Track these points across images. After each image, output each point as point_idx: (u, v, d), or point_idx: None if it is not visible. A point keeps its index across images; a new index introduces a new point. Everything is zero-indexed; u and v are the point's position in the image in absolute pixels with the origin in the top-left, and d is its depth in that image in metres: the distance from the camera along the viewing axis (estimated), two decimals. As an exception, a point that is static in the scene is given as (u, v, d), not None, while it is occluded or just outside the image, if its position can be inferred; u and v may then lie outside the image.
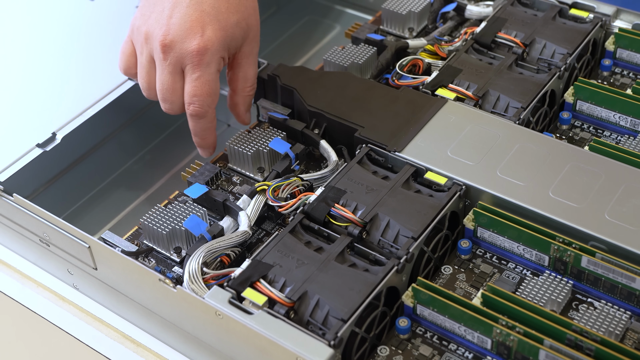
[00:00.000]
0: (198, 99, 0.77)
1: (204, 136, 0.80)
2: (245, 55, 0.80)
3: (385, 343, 0.67)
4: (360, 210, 0.70)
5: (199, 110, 0.77)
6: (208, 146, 0.81)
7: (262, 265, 0.67)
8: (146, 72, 0.79)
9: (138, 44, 0.79)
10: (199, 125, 0.79)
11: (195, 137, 0.80)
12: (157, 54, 0.77)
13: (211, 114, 0.78)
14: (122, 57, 0.82)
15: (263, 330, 0.62)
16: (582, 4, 0.88)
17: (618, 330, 0.63)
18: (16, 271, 0.80)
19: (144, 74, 0.79)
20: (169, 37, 0.75)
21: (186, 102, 0.77)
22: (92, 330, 0.75)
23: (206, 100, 0.77)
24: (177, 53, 0.76)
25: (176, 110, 0.79)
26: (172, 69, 0.76)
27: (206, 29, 0.76)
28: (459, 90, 0.80)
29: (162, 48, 0.76)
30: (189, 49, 0.75)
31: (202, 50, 0.75)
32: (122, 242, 0.75)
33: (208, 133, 0.80)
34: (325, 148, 0.79)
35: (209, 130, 0.80)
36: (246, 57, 0.81)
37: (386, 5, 0.93)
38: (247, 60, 0.81)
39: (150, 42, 0.77)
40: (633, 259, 0.66)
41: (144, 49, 0.78)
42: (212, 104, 0.78)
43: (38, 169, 0.83)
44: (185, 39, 0.75)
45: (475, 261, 0.71)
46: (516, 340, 0.62)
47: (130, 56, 0.81)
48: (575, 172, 0.72)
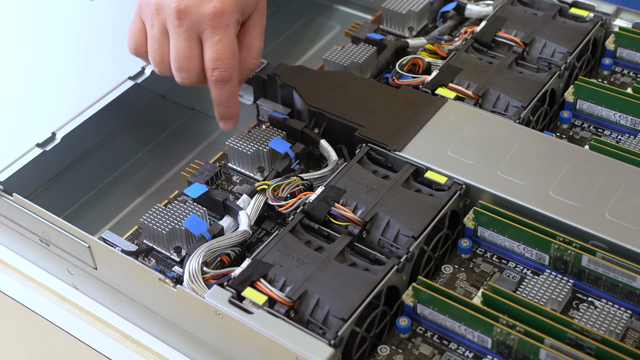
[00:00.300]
0: (222, 62, 0.74)
1: (229, 104, 0.77)
2: (253, 23, 0.78)
3: (386, 342, 0.67)
4: (360, 209, 0.70)
5: (225, 74, 0.75)
6: (232, 115, 0.78)
7: (262, 264, 0.67)
8: (159, 44, 0.76)
9: (148, 17, 0.77)
10: (224, 91, 0.76)
11: (219, 107, 0.77)
12: (171, 22, 0.74)
13: (235, 78, 0.76)
14: (130, 36, 0.79)
15: (263, 329, 0.62)
16: (582, 3, 0.88)
17: (619, 329, 0.63)
18: (16, 271, 0.80)
19: (157, 47, 0.77)
20: (183, 3, 0.73)
21: (209, 68, 0.75)
22: (92, 330, 0.75)
23: (230, 62, 0.75)
24: (193, 18, 0.73)
25: (192, 80, 0.76)
26: (188, 35, 0.74)
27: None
28: (459, 90, 0.80)
29: (177, 14, 0.73)
30: (205, 12, 0.73)
31: (220, 12, 0.73)
32: (122, 242, 0.75)
33: (233, 100, 0.77)
34: (325, 147, 0.79)
35: (233, 96, 0.77)
36: (254, 26, 0.79)
37: (386, 5, 0.93)
38: (254, 29, 0.79)
39: (163, 11, 0.75)
40: (633, 258, 0.66)
41: (155, 20, 0.76)
42: (236, 67, 0.76)
43: (38, 168, 0.83)
44: (200, 3, 0.73)
45: (475, 260, 0.71)
46: (517, 339, 0.62)
47: (140, 34, 0.78)
48: (576, 171, 0.72)
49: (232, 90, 0.76)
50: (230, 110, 0.78)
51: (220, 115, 0.78)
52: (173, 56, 0.75)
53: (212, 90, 0.76)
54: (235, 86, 0.76)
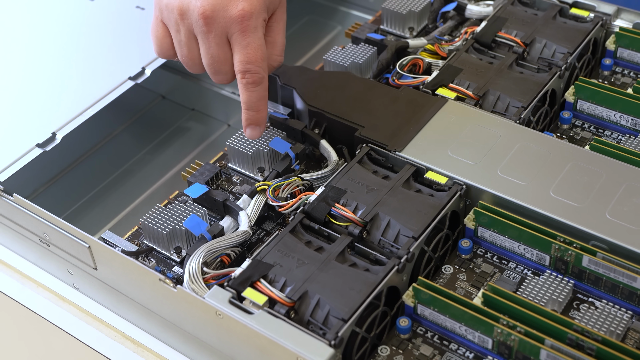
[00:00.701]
0: (253, 65, 0.73)
1: (259, 107, 0.75)
2: (276, 19, 0.78)
3: (386, 343, 0.67)
4: (360, 209, 0.70)
5: (256, 77, 0.74)
6: (261, 121, 0.76)
7: (262, 265, 0.67)
8: (188, 49, 0.75)
9: (172, 22, 0.75)
10: (254, 94, 0.75)
11: (249, 110, 0.76)
12: (198, 28, 0.73)
13: (266, 81, 0.75)
14: (155, 40, 0.77)
15: (263, 330, 0.62)
16: (583, 3, 0.88)
17: (619, 330, 0.63)
18: (16, 271, 0.80)
19: (186, 52, 0.75)
20: (209, 8, 0.72)
21: (240, 71, 0.74)
22: (92, 330, 0.75)
23: (262, 65, 0.74)
24: (220, 23, 0.72)
25: (230, 79, 0.75)
26: (218, 40, 0.73)
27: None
28: (459, 90, 0.80)
29: (204, 20, 0.72)
30: (233, 15, 0.72)
31: (248, 14, 0.72)
32: (122, 242, 0.75)
33: (262, 104, 0.75)
34: (325, 148, 0.79)
35: (263, 100, 0.75)
36: (277, 22, 0.78)
37: (386, 5, 0.93)
38: (277, 25, 0.78)
39: (188, 16, 0.73)
40: (634, 259, 0.65)
41: (180, 26, 0.74)
42: (266, 68, 0.75)
43: (38, 169, 0.83)
44: (227, 6, 0.72)
45: (476, 261, 0.71)
46: (517, 340, 0.62)
47: (165, 38, 0.77)
48: (576, 172, 0.71)
49: (262, 93, 0.75)
50: (260, 114, 0.76)
51: (248, 120, 0.76)
52: (207, 62, 0.74)
53: (243, 93, 0.75)
54: (265, 89, 0.75)
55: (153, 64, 0.89)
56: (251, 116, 0.76)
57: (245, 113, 0.76)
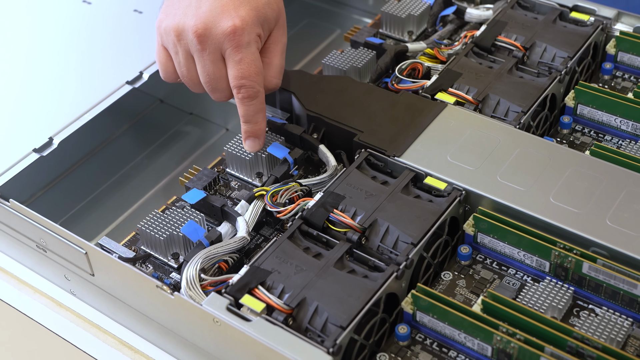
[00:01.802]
0: (247, 80, 0.74)
1: (257, 120, 0.76)
2: (274, 41, 0.78)
3: (385, 350, 0.66)
4: (359, 215, 0.70)
5: (251, 91, 0.74)
6: (260, 133, 0.77)
7: (260, 271, 0.66)
8: (187, 69, 0.76)
9: (171, 44, 0.76)
10: (251, 108, 0.75)
11: (246, 124, 0.76)
12: (193, 47, 0.74)
13: (262, 94, 0.76)
14: (159, 65, 0.79)
15: (261, 337, 0.62)
16: (583, 7, 0.88)
17: (620, 337, 0.63)
18: (13, 277, 0.80)
19: (185, 72, 0.76)
20: (201, 26, 0.73)
21: (235, 87, 0.74)
22: (89, 337, 0.75)
23: (255, 79, 0.74)
24: (213, 40, 0.73)
25: (228, 96, 0.76)
26: (212, 57, 0.74)
27: (239, 10, 0.74)
28: (458, 94, 0.79)
29: (198, 38, 0.73)
30: (225, 31, 0.73)
31: (239, 30, 0.73)
32: (119, 248, 0.74)
33: (260, 116, 0.76)
34: (324, 153, 0.78)
35: (261, 112, 0.76)
36: (274, 44, 0.78)
37: (385, 9, 0.93)
38: (275, 47, 0.78)
39: (184, 36, 0.74)
40: (634, 265, 0.65)
41: (178, 47, 0.75)
42: (262, 82, 0.75)
43: (35, 174, 0.83)
44: (218, 23, 0.73)
45: (475, 267, 0.71)
46: (517, 347, 0.61)
47: (167, 62, 0.78)
48: (576, 177, 0.71)
49: (259, 107, 0.76)
50: (258, 126, 0.77)
51: (247, 133, 0.77)
52: (204, 80, 0.75)
53: (240, 107, 0.76)
54: (262, 102, 0.76)
55: (151, 68, 0.89)
56: (249, 128, 0.76)
57: (244, 126, 0.76)
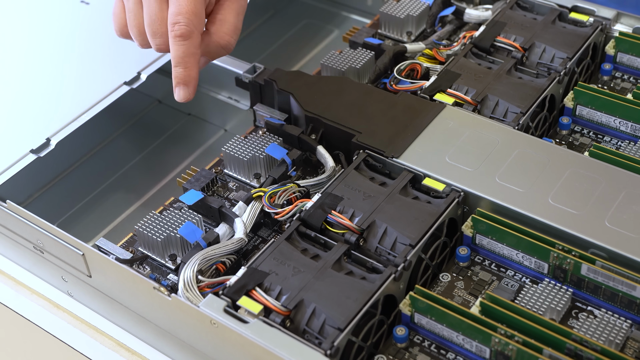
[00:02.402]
0: (183, 17, 0.72)
1: (187, 64, 0.74)
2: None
3: (383, 352, 0.66)
4: (357, 217, 0.70)
5: (185, 29, 0.72)
6: (190, 80, 0.74)
7: (257, 273, 0.66)
8: (134, 16, 0.75)
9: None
10: (182, 48, 0.73)
11: (177, 67, 0.74)
12: None
13: (196, 36, 0.74)
14: (114, 18, 0.78)
15: (258, 339, 0.62)
16: (582, 8, 0.88)
17: (618, 339, 0.62)
18: (10, 278, 0.80)
19: (133, 19, 0.76)
20: None
21: (170, 23, 0.73)
22: (86, 338, 0.74)
23: (191, 18, 0.72)
24: None
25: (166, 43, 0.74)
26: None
27: None
28: (457, 95, 0.79)
29: None
30: None
31: None
32: (116, 250, 0.74)
33: (192, 61, 0.74)
34: (322, 154, 0.78)
35: (193, 57, 0.74)
36: (230, 1, 0.77)
37: (384, 9, 0.93)
38: (230, 4, 0.77)
39: None
40: (633, 267, 0.65)
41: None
42: (198, 25, 0.73)
43: (32, 175, 0.82)
44: None
45: (473, 268, 0.71)
46: (515, 349, 0.61)
47: (121, 13, 0.78)
48: (575, 179, 0.71)
49: (192, 50, 0.73)
50: (188, 72, 0.74)
51: (177, 78, 0.74)
52: (146, 22, 0.74)
53: (171, 47, 0.74)
54: (195, 46, 0.74)
55: (149, 69, 0.89)
56: (179, 74, 0.74)
57: (174, 71, 0.74)
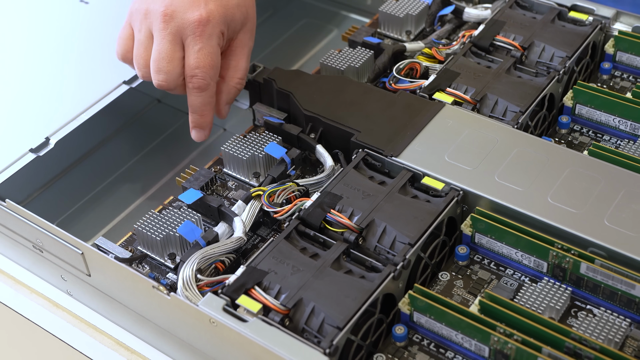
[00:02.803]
0: (201, 70, 0.76)
1: (203, 112, 0.79)
2: (240, 44, 0.80)
3: (382, 351, 0.66)
4: (356, 216, 0.70)
5: (202, 83, 0.76)
6: (206, 125, 0.80)
7: (256, 272, 0.66)
8: (144, 48, 0.78)
9: (137, 23, 0.78)
10: (199, 99, 0.78)
11: (193, 114, 0.79)
12: (156, 25, 0.76)
13: (213, 87, 0.78)
14: (119, 41, 0.80)
15: (257, 338, 0.62)
16: (582, 7, 0.88)
17: (617, 337, 0.62)
18: (9, 277, 0.80)
19: (142, 51, 0.78)
20: (171, 8, 0.75)
21: (188, 75, 0.77)
22: (85, 337, 0.74)
23: (209, 72, 0.76)
24: (178, 22, 0.75)
25: (170, 83, 0.77)
26: (171, 37, 0.76)
27: (209, 3, 0.76)
28: (456, 94, 0.79)
29: (164, 17, 0.75)
30: (190, 18, 0.75)
31: (204, 21, 0.75)
32: (115, 249, 0.74)
33: (208, 109, 0.79)
34: (321, 153, 0.78)
35: (209, 105, 0.79)
36: (241, 47, 0.80)
37: (383, 8, 0.93)
38: (241, 50, 0.80)
39: (150, 15, 0.76)
40: (633, 266, 0.65)
41: (142, 25, 0.77)
42: (214, 76, 0.77)
43: (31, 174, 0.83)
44: (187, 10, 0.75)
45: (473, 267, 0.71)
46: (514, 348, 0.61)
47: (128, 39, 0.80)
48: (574, 177, 0.71)
49: (208, 100, 0.78)
50: (204, 119, 0.79)
51: (193, 123, 0.80)
52: (154, 57, 0.77)
53: (189, 97, 0.78)
54: (211, 96, 0.78)
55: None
56: (195, 119, 0.79)
57: (191, 116, 0.79)
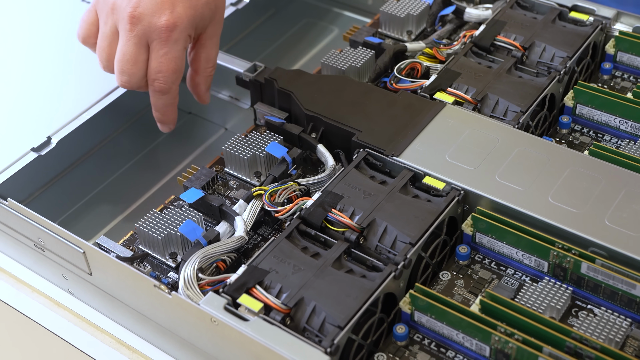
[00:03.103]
0: (163, 75, 0.77)
1: (165, 112, 0.81)
2: (209, 36, 0.81)
3: (383, 350, 0.66)
4: (357, 215, 0.70)
5: (163, 87, 0.78)
6: (168, 122, 0.82)
7: (258, 271, 0.66)
8: (108, 43, 0.78)
9: (103, 14, 0.78)
10: (160, 101, 0.79)
11: (156, 112, 0.81)
12: (122, 25, 0.76)
13: (174, 90, 0.79)
14: (82, 24, 0.81)
15: (259, 337, 0.62)
16: (582, 7, 0.88)
17: (618, 337, 0.62)
18: (11, 276, 0.80)
19: (105, 45, 0.78)
20: (138, 10, 0.75)
21: (150, 78, 0.78)
22: (87, 336, 0.74)
23: (171, 77, 0.77)
24: (144, 26, 0.75)
25: (133, 85, 0.78)
26: (137, 40, 0.76)
27: (177, 6, 0.76)
28: (457, 94, 0.79)
29: (130, 19, 0.75)
30: (158, 23, 0.75)
31: (171, 26, 0.75)
32: (117, 248, 0.74)
33: (170, 109, 0.81)
34: (322, 152, 0.78)
35: (170, 106, 0.80)
36: (210, 39, 0.81)
37: (384, 8, 0.93)
38: (210, 42, 0.81)
39: (117, 12, 0.77)
40: (633, 265, 0.65)
41: (108, 19, 0.78)
42: (177, 80, 0.79)
43: (33, 173, 0.83)
44: (154, 13, 0.75)
45: (473, 267, 0.71)
46: (515, 347, 0.61)
47: (92, 25, 0.80)
48: (575, 177, 0.71)
49: (169, 102, 0.80)
50: (166, 117, 0.82)
51: (157, 119, 0.82)
52: (118, 58, 0.77)
53: (151, 97, 0.80)
54: (173, 97, 0.80)
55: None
56: (158, 117, 0.82)
57: (154, 114, 0.82)
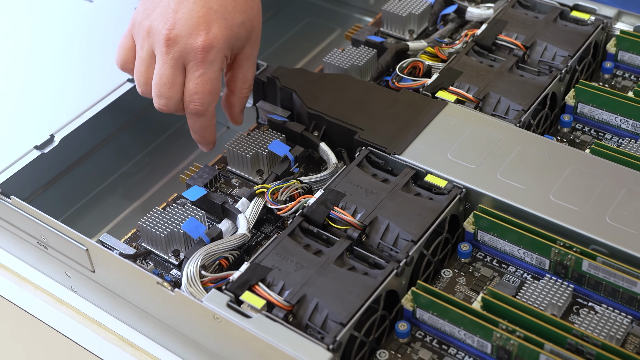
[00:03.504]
0: (199, 96, 0.76)
1: (203, 134, 0.80)
2: (246, 56, 0.80)
3: (385, 347, 0.66)
4: (359, 213, 0.70)
5: (199, 109, 0.76)
6: (208, 143, 0.81)
7: (260, 268, 0.66)
8: (145, 67, 0.77)
9: (139, 38, 0.78)
10: (198, 123, 0.78)
11: (194, 134, 0.80)
12: (159, 48, 0.75)
13: (211, 112, 0.78)
14: (120, 51, 0.80)
15: (261, 334, 0.62)
16: (584, 6, 0.88)
17: (619, 334, 0.63)
18: (14, 274, 0.80)
19: (143, 69, 0.78)
20: (174, 32, 0.74)
21: (186, 100, 0.76)
22: (90, 334, 0.75)
23: (207, 98, 0.76)
24: (181, 48, 0.74)
25: (170, 108, 0.77)
26: (173, 63, 0.75)
27: (212, 27, 0.75)
28: (459, 93, 0.79)
29: (166, 42, 0.74)
30: (194, 44, 0.74)
31: (207, 47, 0.74)
32: (120, 245, 0.74)
33: (208, 131, 0.79)
34: (324, 151, 0.78)
35: (208, 128, 0.79)
36: (247, 59, 0.80)
37: (386, 7, 0.93)
38: (247, 62, 0.80)
39: (153, 35, 0.76)
40: (634, 263, 0.65)
41: (145, 43, 0.77)
42: (213, 102, 0.77)
43: (36, 171, 0.83)
44: (190, 35, 0.74)
45: (475, 265, 0.71)
46: (516, 344, 0.61)
47: (129, 50, 0.79)
48: (576, 175, 0.71)
49: (207, 123, 0.79)
50: (204, 139, 0.81)
51: (197, 140, 0.81)
52: (155, 81, 0.76)
53: (188, 120, 0.79)
54: (210, 119, 0.78)
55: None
56: (197, 139, 0.81)
57: (193, 136, 0.81)
